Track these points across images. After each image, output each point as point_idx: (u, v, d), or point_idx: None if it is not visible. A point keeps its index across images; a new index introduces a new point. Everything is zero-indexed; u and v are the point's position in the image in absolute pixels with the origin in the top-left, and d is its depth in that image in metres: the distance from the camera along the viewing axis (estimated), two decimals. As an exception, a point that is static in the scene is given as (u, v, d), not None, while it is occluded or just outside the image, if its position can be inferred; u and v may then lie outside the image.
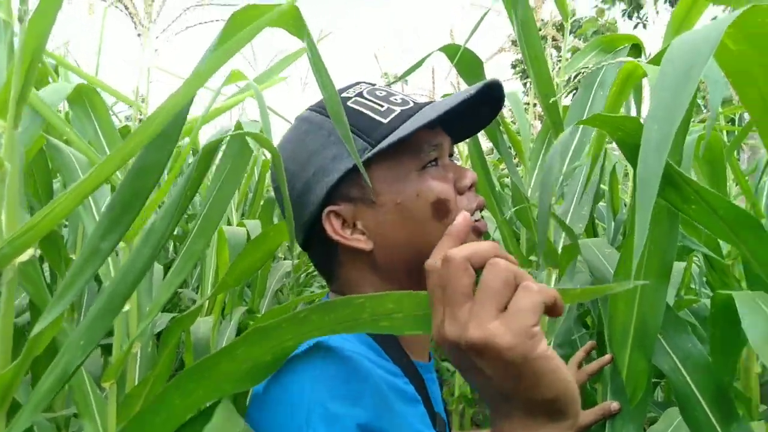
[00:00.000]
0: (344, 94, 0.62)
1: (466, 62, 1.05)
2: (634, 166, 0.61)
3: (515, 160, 1.41)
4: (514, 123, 1.57)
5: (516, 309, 0.36)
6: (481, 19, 1.04)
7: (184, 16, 1.00)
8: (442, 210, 0.58)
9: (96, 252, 0.54)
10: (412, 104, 0.61)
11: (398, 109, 0.60)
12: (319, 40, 1.27)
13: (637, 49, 1.17)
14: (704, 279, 1.86)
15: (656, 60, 0.77)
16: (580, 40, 1.38)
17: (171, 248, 2.55)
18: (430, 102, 0.62)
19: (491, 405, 0.41)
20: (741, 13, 0.35)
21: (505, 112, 2.00)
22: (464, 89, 0.61)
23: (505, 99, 1.46)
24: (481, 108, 0.65)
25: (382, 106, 0.60)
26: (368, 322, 0.42)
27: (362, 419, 0.47)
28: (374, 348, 0.57)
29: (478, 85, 0.59)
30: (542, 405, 0.38)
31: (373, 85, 0.65)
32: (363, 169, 0.51)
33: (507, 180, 2.19)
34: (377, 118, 0.59)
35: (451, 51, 1.05)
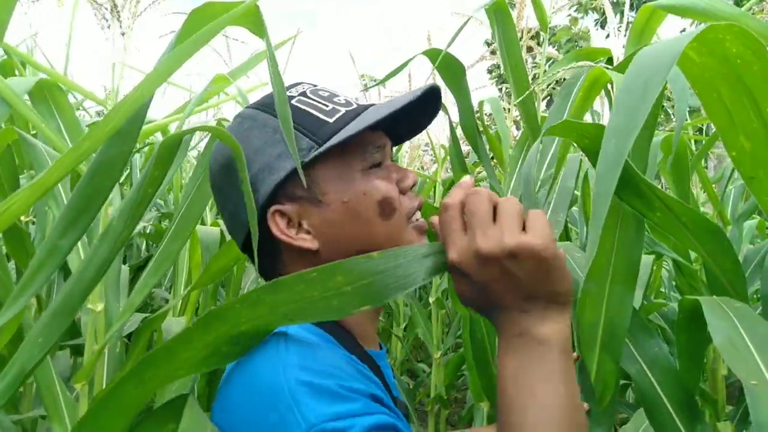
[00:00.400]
0: (287, 93, 0.62)
1: (447, 67, 1.06)
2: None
3: (493, 163, 1.42)
4: (491, 128, 1.58)
5: (536, 224, 0.47)
6: (462, 26, 1.05)
7: (152, 12, 0.98)
8: (387, 209, 0.59)
9: (55, 249, 0.53)
10: (355, 105, 0.62)
11: (343, 110, 0.61)
12: (287, 40, 1.26)
13: (612, 62, 1.19)
14: (673, 283, 1.90)
15: (620, 67, 0.79)
16: (554, 47, 1.41)
17: (144, 247, 2.51)
18: (372, 105, 0.63)
19: (510, 307, 0.48)
20: (701, 32, 0.36)
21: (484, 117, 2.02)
22: (406, 93, 0.62)
23: (485, 104, 1.47)
24: (420, 112, 0.66)
25: (327, 106, 0.61)
26: (319, 301, 0.42)
27: (346, 383, 0.49)
28: (329, 340, 0.58)
29: (422, 87, 0.61)
30: (560, 297, 0.48)
31: (315, 85, 0.65)
32: (301, 170, 0.52)
33: (484, 183, 2.21)
34: (323, 117, 0.59)
35: (433, 55, 1.05)
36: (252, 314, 0.43)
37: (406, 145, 3.08)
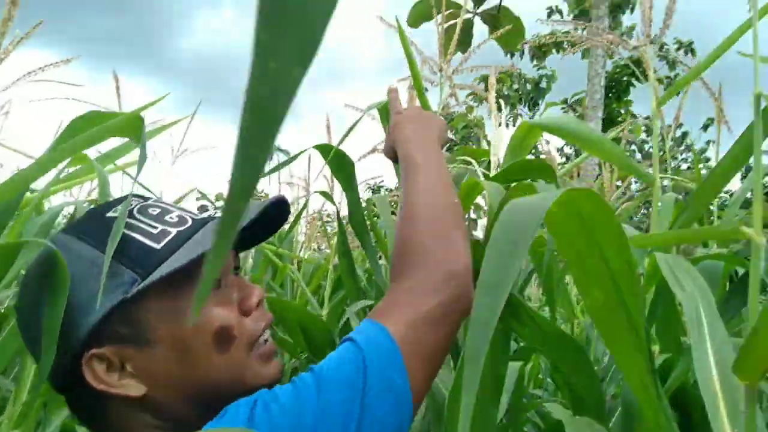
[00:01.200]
0: (110, 213, 0.55)
1: (338, 161, 1.06)
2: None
3: (379, 255, 1.43)
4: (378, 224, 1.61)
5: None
6: (355, 124, 1.07)
7: (24, 85, 0.90)
8: (224, 338, 0.53)
9: None
10: (190, 222, 0.56)
11: (174, 231, 0.54)
12: (181, 119, 1.22)
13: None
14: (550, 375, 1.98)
15: (497, 177, 0.84)
16: (452, 133, 1.50)
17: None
18: (211, 218, 0.58)
19: (406, 141, 0.74)
20: (561, 194, 0.39)
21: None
22: (251, 208, 0.56)
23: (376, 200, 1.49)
24: (270, 216, 0.60)
25: (155, 228, 0.54)
26: None
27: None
28: None
29: (257, 208, 0.56)
30: (436, 133, 0.76)
31: (146, 200, 0.58)
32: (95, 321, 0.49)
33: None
34: (149, 243, 0.53)
35: (324, 149, 1.06)
36: None
37: (303, 223, 3.01)
